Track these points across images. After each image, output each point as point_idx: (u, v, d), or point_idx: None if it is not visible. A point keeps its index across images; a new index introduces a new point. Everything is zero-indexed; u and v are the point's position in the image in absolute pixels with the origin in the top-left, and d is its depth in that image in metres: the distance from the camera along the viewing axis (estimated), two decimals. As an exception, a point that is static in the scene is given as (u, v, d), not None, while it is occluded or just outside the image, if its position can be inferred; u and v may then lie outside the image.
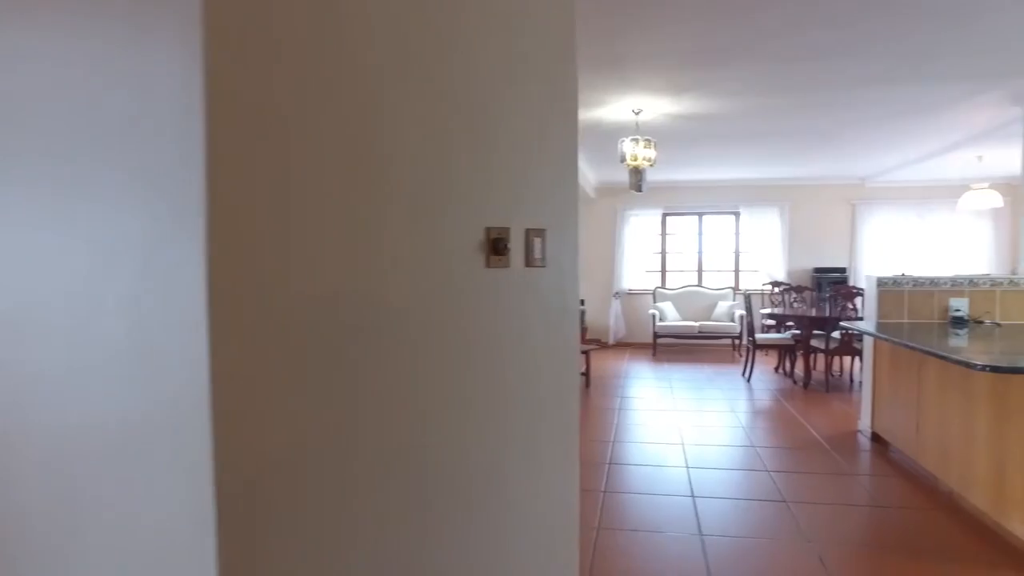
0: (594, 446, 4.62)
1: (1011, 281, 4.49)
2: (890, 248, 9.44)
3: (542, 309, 1.99)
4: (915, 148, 6.79)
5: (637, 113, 4.96)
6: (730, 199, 9.72)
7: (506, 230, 1.91)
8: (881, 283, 4.58)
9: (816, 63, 3.96)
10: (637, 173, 4.98)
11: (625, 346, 9.83)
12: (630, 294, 9.98)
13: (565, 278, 2.04)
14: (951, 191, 9.18)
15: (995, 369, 2.71)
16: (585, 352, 6.76)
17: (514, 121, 1.94)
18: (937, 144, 6.52)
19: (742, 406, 5.88)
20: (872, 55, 3.81)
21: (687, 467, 4.14)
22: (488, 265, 1.89)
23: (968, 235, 9.30)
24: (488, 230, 1.89)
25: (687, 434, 4.89)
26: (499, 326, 1.91)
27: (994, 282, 4.50)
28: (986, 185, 7.17)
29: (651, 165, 4.94)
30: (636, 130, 5.10)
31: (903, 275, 4.63)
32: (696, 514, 3.39)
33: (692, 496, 3.64)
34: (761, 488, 3.75)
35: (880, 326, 4.38)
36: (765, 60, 3.92)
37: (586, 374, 6.77)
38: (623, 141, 4.94)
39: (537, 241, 1.97)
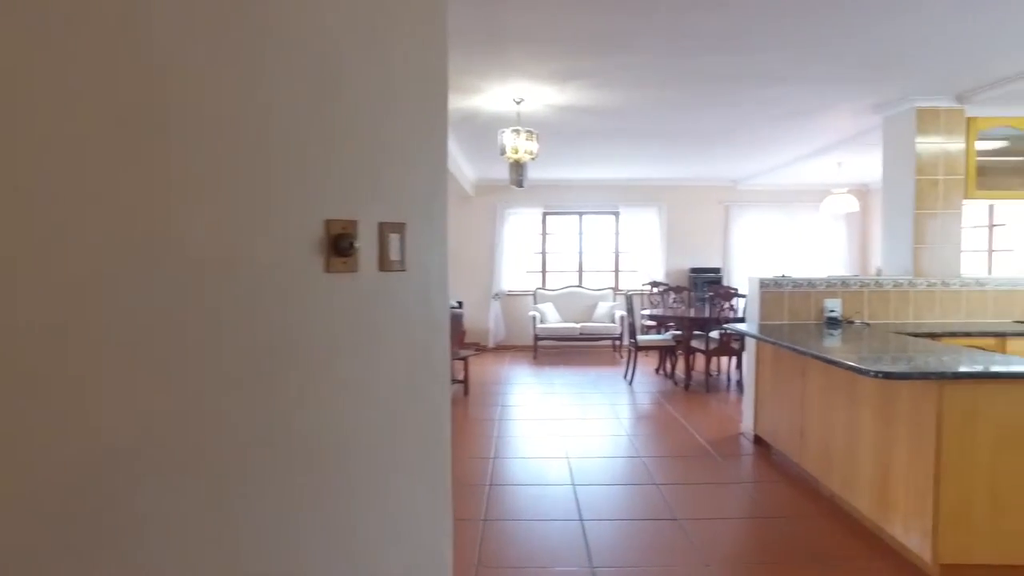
0: (473, 465, 4.21)
1: (877, 283, 4.58)
2: (759, 249, 9.79)
3: (402, 325, 1.54)
4: (786, 152, 6.97)
5: (518, 103, 4.61)
6: (610, 199, 9.69)
7: (352, 224, 1.45)
8: (763, 284, 4.52)
9: (704, 57, 3.79)
10: (518, 167, 4.63)
11: (505, 349, 9.53)
12: (510, 295, 9.70)
13: (432, 285, 1.60)
14: (813, 195, 9.66)
15: (888, 375, 2.58)
16: (463, 358, 6.36)
17: (365, 83, 1.48)
18: (805, 149, 6.72)
19: (626, 411, 5.71)
20: (760, 48, 3.67)
21: (573, 484, 3.83)
22: (328, 269, 1.42)
23: (827, 237, 9.83)
24: (328, 223, 1.42)
25: (572, 446, 4.61)
26: (342, 352, 1.45)
27: (863, 283, 4.57)
28: (845, 190, 7.52)
29: (533, 159, 4.61)
30: (517, 121, 4.76)
31: (783, 276, 4.61)
32: (586, 542, 3.06)
33: (580, 520, 3.32)
34: (652, 505, 3.51)
35: (762, 327, 4.31)
36: (651, 50, 3.68)
37: (464, 381, 6.36)
38: (503, 132, 4.57)
39: (394, 238, 1.52)
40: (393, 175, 1.52)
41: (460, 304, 9.14)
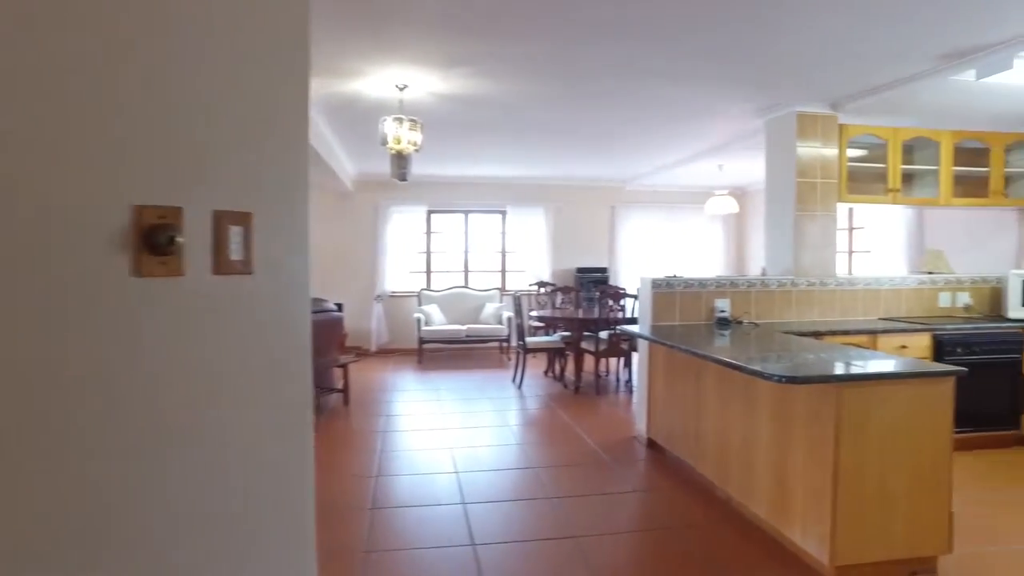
0: (354, 485, 3.80)
1: (763, 283, 4.64)
2: (645, 249, 9.96)
3: (247, 348, 1.17)
4: (673, 153, 7.06)
5: (402, 89, 4.24)
6: (497, 197, 9.49)
7: (175, 212, 1.08)
8: (656, 285, 4.44)
9: (596, 47, 3.61)
10: (400, 159, 4.26)
11: (389, 353, 9.07)
12: (394, 297, 9.25)
13: (291, 291, 1.25)
14: (696, 197, 9.96)
15: (791, 380, 2.49)
16: (343, 365, 5.89)
17: (197, 28, 1.11)
18: (691, 150, 6.82)
19: (516, 417, 5.49)
20: (650, 40, 3.54)
21: (464, 503, 3.53)
22: (140, 272, 1.04)
23: (707, 238, 10.18)
24: (139, 211, 1.04)
25: (461, 458, 4.31)
26: (159, 387, 1.06)
27: (750, 283, 4.62)
28: (726, 192, 7.76)
29: (416, 151, 4.26)
30: (400, 109, 4.39)
31: (675, 276, 4.56)
32: (479, 569, 2.78)
33: (473, 544, 3.03)
34: (548, 522, 3.28)
35: (655, 329, 4.22)
36: (537, 36, 3.45)
37: (344, 390, 5.89)
38: (384, 120, 4.19)
39: (236, 232, 1.15)
40: (236, 152, 1.16)
41: (340, 306, 8.59)
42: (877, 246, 6.90)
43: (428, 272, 9.59)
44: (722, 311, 4.53)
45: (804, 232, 4.73)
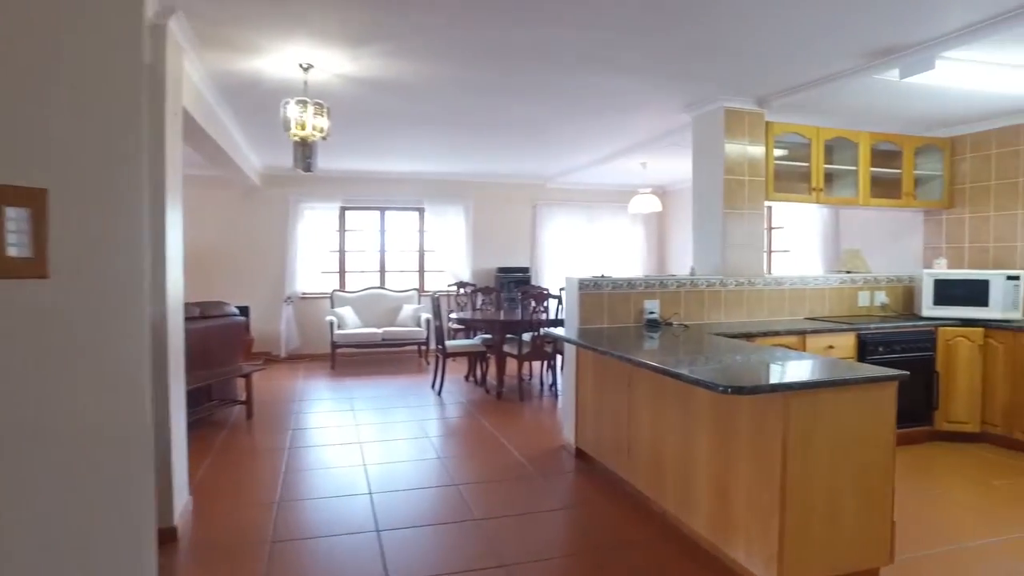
0: (252, 514, 3.35)
1: (692, 283, 4.51)
2: (567, 248, 9.81)
3: (44, 386, 0.80)
4: (596, 150, 6.89)
5: (306, 69, 3.81)
6: (415, 194, 9.08)
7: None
8: (583, 285, 4.21)
9: (519, 28, 3.33)
10: (305, 147, 3.83)
11: (299, 359, 8.50)
12: (304, 298, 8.67)
13: (117, 302, 0.87)
14: (618, 196, 9.91)
15: (739, 391, 2.29)
16: (247, 375, 5.36)
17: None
18: (614, 147, 6.67)
19: (436, 427, 5.14)
20: (573, 24, 3.29)
21: (378, 531, 3.16)
22: None
23: (628, 238, 10.14)
24: None
25: (376, 476, 3.93)
26: None
27: (679, 283, 4.47)
28: (649, 190, 7.68)
29: (324, 138, 3.83)
30: (305, 92, 3.95)
31: (603, 277, 4.34)
32: (395, 615, 2.43)
33: (388, 581, 2.68)
34: (474, 548, 2.96)
35: (583, 332, 3.99)
36: (458, 10, 3.13)
37: (247, 402, 5.36)
38: (287, 103, 3.74)
39: (17, 216, 0.77)
40: (17, 104, 0.78)
41: (245, 310, 7.95)
42: (795, 245, 6.99)
43: (342, 272, 9.06)
44: (651, 312, 4.36)
45: (732, 231, 4.63)
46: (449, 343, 6.59)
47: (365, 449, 4.50)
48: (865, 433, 2.54)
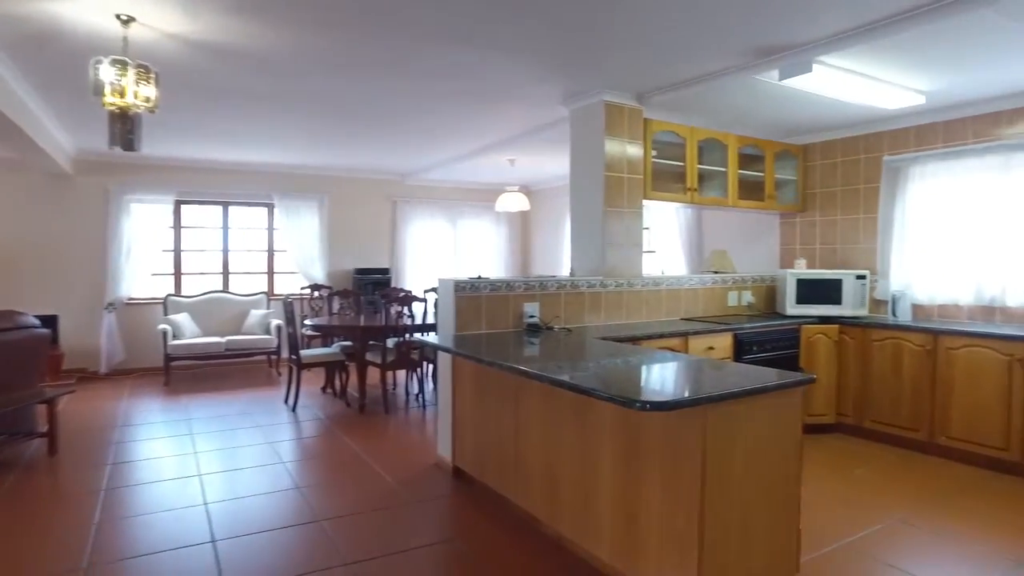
0: (50, 584, 2.62)
1: (573, 284, 4.29)
2: (429, 249, 9.37)
3: None
4: (463, 144, 6.53)
5: (126, 22, 3.08)
6: (263, 187, 8.20)
7: None
8: (459, 288, 3.84)
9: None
10: (125, 120, 3.10)
11: (125, 374, 7.35)
12: (131, 304, 7.52)
13: None
14: (483, 194, 9.64)
15: (658, 406, 2.03)
16: (49, 400, 4.40)
17: None
18: (485, 141, 6.35)
19: (292, 450, 4.52)
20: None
21: (224, 590, 2.58)
22: None
23: (493, 238, 9.90)
24: None
25: (220, 517, 3.29)
26: None
27: (560, 285, 4.24)
28: (516, 188, 7.46)
29: (151, 110, 3.12)
30: (125, 51, 3.21)
31: (480, 278, 4.00)
32: None
33: (237, 660, 2.13)
34: (344, 604, 2.48)
35: (459, 339, 3.62)
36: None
37: (50, 434, 4.39)
38: (99, 63, 3.00)
39: None
40: None
41: (51, 320, 6.72)
42: (660, 246, 7.08)
43: (178, 274, 7.98)
44: (532, 316, 4.09)
45: (612, 230, 4.48)
46: (304, 352, 5.93)
47: (207, 483, 3.80)
48: (775, 442, 2.40)
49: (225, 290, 8.05)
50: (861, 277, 4.94)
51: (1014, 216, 4.39)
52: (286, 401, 5.91)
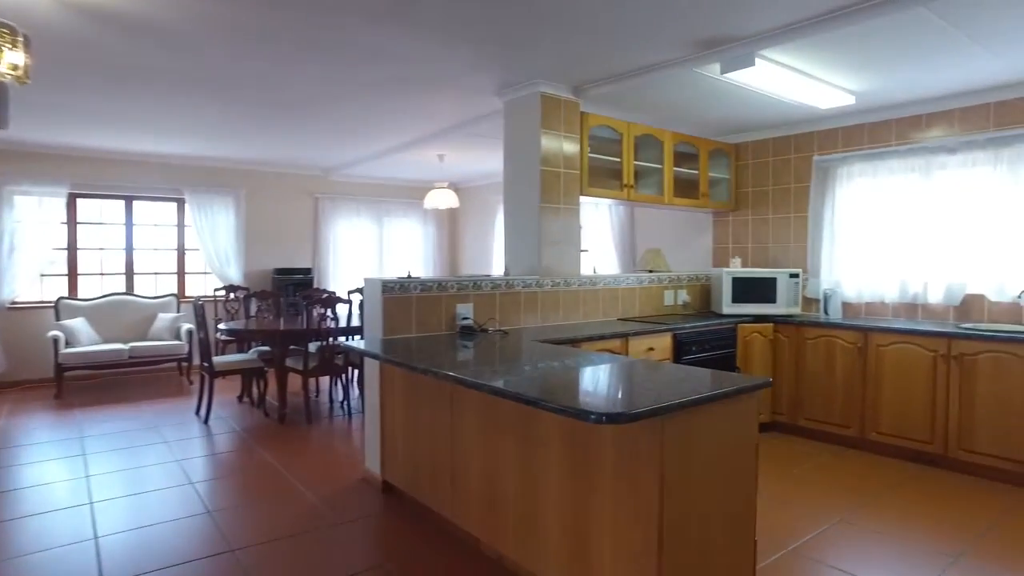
0: None
1: (508, 284, 4.09)
2: (354, 248, 8.96)
3: None
4: (391, 137, 6.20)
5: (-8, -18, 2.66)
6: (172, 180, 7.58)
7: None
8: (387, 288, 3.55)
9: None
10: (-6, 94, 2.66)
11: (8, 388, 6.61)
12: (15, 309, 6.78)
13: None
14: (411, 191, 9.31)
15: (615, 418, 1.84)
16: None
17: None
18: (415, 134, 6.04)
19: (204, 469, 4.10)
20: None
21: (115, 642, 2.21)
22: None
23: (420, 236, 9.58)
24: None
25: (117, 553, 2.88)
26: None
27: (495, 284, 4.02)
28: (446, 184, 7.20)
29: (20, 80, 2.67)
30: (-8, 17, 2.75)
31: (410, 278, 3.73)
32: None
33: None
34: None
35: (388, 343, 3.35)
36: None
37: (-88, 459, 3.82)
38: (-43, 26, 2.55)
39: None
40: None
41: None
42: (592, 244, 6.99)
43: (72, 275, 7.26)
44: (465, 318, 3.85)
45: (549, 227, 4.30)
46: (217, 359, 5.47)
47: (99, 512, 3.36)
48: (733, 449, 2.26)
49: (129, 292, 7.40)
50: (794, 276, 4.96)
51: (934, 216, 4.51)
52: (197, 413, 5.44)
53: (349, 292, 6.50)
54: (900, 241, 4.68)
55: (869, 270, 4.86)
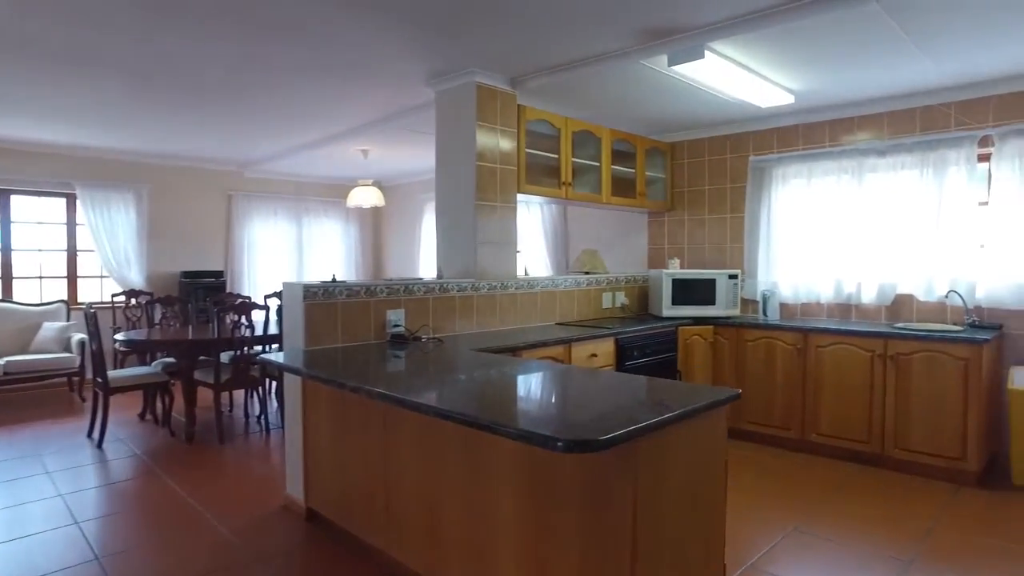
0: None
1: (442, 287, 3.79)
2: (272, 249, 8.38)
3: None
4: (306, 131, 5.76)
5: None
6: (60, 172, 6.77)
7: None
8: (309, 293, 3.19)
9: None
10: None
11: None
12: None
13: None
14: (332, 190, 8.83)
15: (585, 446, 1.59)
16: None
17: None
18: (340, 127, 5.61)
19: (95, 503, 3.58)
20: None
21: None
22: None
23: (342, 237, 9.10)
24: None
25: (-24, 612, 2.40)
26: None
27: (427, 288, 3.71)
28: (370, 182, 6.80)
29: None
30: None
31: (336, 282, 3.37)
32: None
33: None
34: None
35: (310, 355, 3.00)
36: None
37: None
38: None
39: None
40: None
41: None
42: (524, 244, 6.76)
43: (-62, 280, 6.40)
44: (397, 325, 3.54)
45: (484, 226, 4.02)
46: (113, 373, 4.89)
47: (-41, 560, 2.83)
48: (704, 468, 2.07)
49: (7, 299, 6.59)
50: (733, 277, 4.91)
51: (867, 218, 4.54)
52: (90, 435, 4.83)
53: (266, 297, 6.00)
54: (834, 242, 4.69)
55: (805, 271, 4.86)
